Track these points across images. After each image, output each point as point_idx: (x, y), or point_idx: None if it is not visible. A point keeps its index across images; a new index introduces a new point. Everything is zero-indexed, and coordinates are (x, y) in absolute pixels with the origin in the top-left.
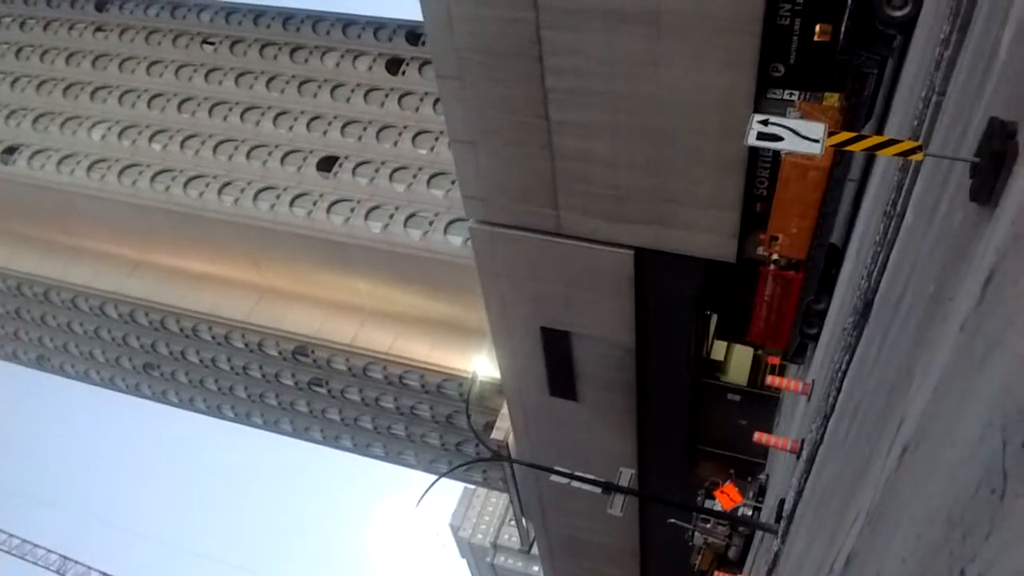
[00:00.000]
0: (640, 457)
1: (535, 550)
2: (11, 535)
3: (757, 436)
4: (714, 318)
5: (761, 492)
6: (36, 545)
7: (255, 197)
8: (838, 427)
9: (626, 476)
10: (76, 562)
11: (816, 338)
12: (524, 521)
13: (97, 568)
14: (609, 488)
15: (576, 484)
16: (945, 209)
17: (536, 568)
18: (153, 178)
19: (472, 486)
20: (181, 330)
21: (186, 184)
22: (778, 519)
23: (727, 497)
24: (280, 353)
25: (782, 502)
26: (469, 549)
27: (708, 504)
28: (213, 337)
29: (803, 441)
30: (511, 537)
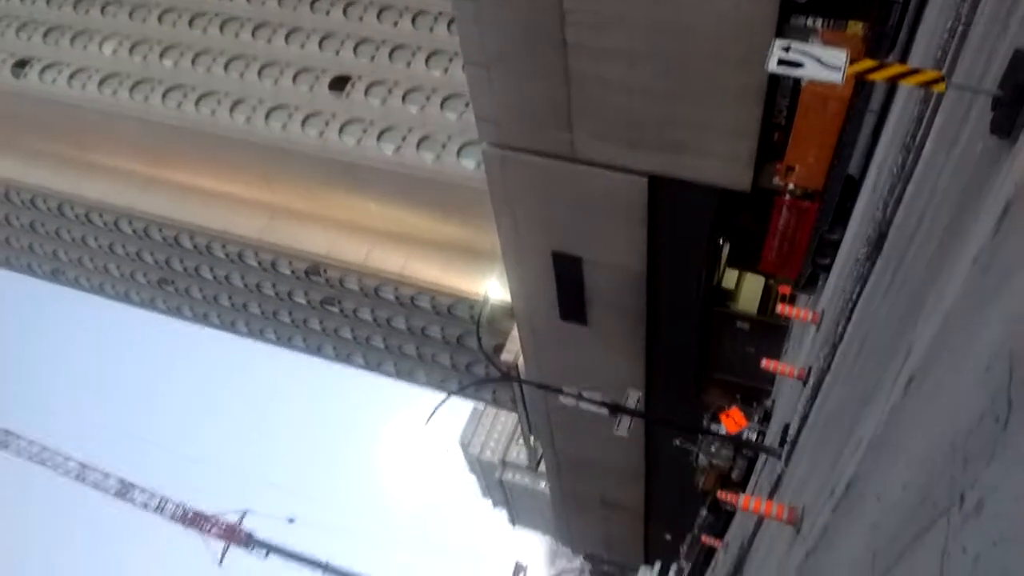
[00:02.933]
0: (648, 381)
1: (543, 467)
2: (31, 441)
3: (765, 363)
4: (726, 247)
5: (766, 417)
6: (55, 452)
7: (267, 116)
8: (846, 355)
9: (633, 398)
10: (94, 468)
11: (828, 269)
12: (532, 440)
13: (115, 474)
14: (616, 409)
15: (584, 405)
16: (965, 142)
17: (543, 485)
18: (164, 95)
19: (481, 405)
20: (195, 247)
21: (198, 101)
22: (782, 443)
23: (732, 421)
24: (293, 272)
25: (786, 427)
26: (478, 466)
27: (714, 427)
28: (226, 254)
29: (810, 369)
30: (519, 455)
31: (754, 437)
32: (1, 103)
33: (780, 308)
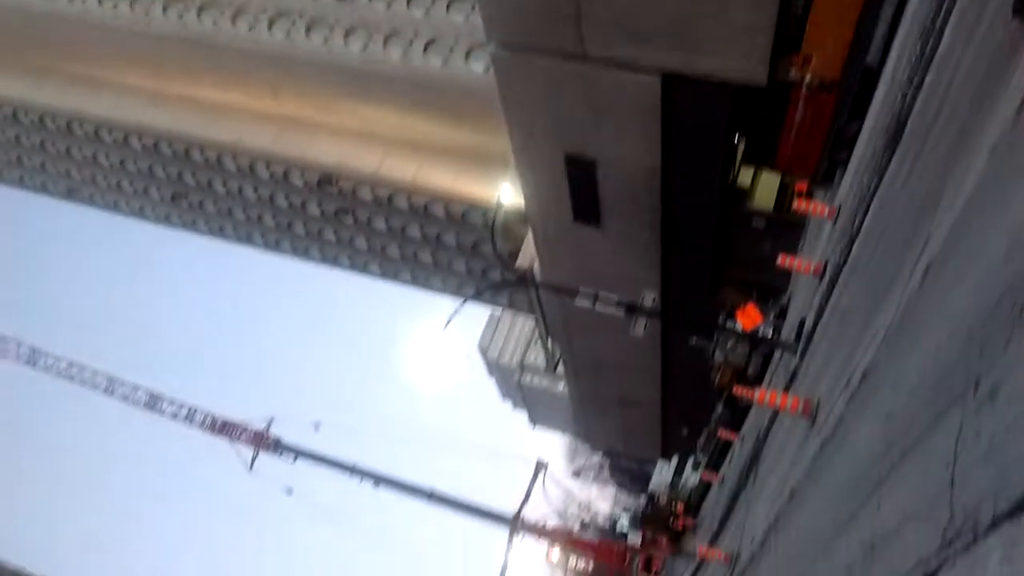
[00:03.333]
0: (663, 281)
1: (560, 369)
2: (58, 357)
3: (781, 259)
4: (742, 144)
5: (782, 313)
6: (83, 366)
7: (270, 25)
8: (863, 248)
9: (649, 298)
10: (122, 382)
11: (846, 162)
12: (549, 343)
13: (144, 386)
14: (632, 310)
15: (599, 307)
16: (986, 27)
17: (561, 386)
18: (165, 7)
19: (498, 310)
20: (205, 161)
21: (199, 11)
22: (797, 338)
23: (748, 318)
24: (305, 183)
25: (802, 322)
26: (497, 369)
27: (729, 325)
28: (238, 168)
29: (826, 263)
30: (537, 358)
31: (769, 333)
32: (3, 21)
33: (796, 204)
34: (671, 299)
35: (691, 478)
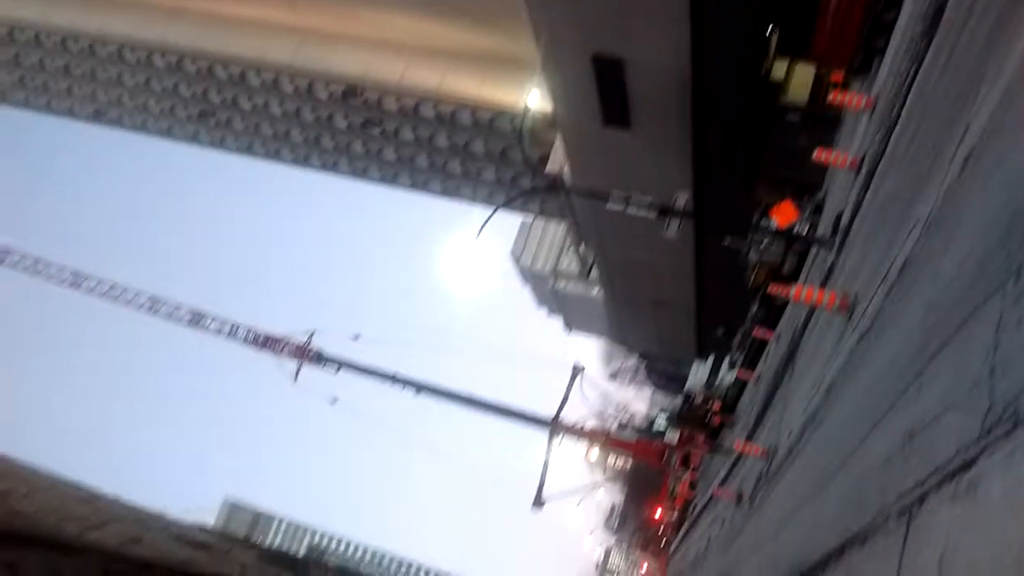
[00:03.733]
0: (696, 181)
1: (594, 274)
2: (100, 280)
3: (816, 153)
4: (775, 35)
5: (817, 209)
6: (125, 287)
7: None
8: (900, 138)
9: (681, 200)
10: (165, 300)
11: (882, 51)
12: (582, 248)
13: (186, 304)
14: (664, 212)
15: (631, 210)
16: None
17: (595, 291)
18: None
19: (530, 217)
20: (229, 77)
21: None
22: (833, 234)
23: (783, 215)
24: (330, 96)
25: (838, 217)
26: (531, 276)
27: (764, 223)
28: (262, 83)
29: (863, 156)
30: (570, 264)
31: (805, 230)
32: None
33: (832, 96)
34: (704, 199)
35: (727, 377)
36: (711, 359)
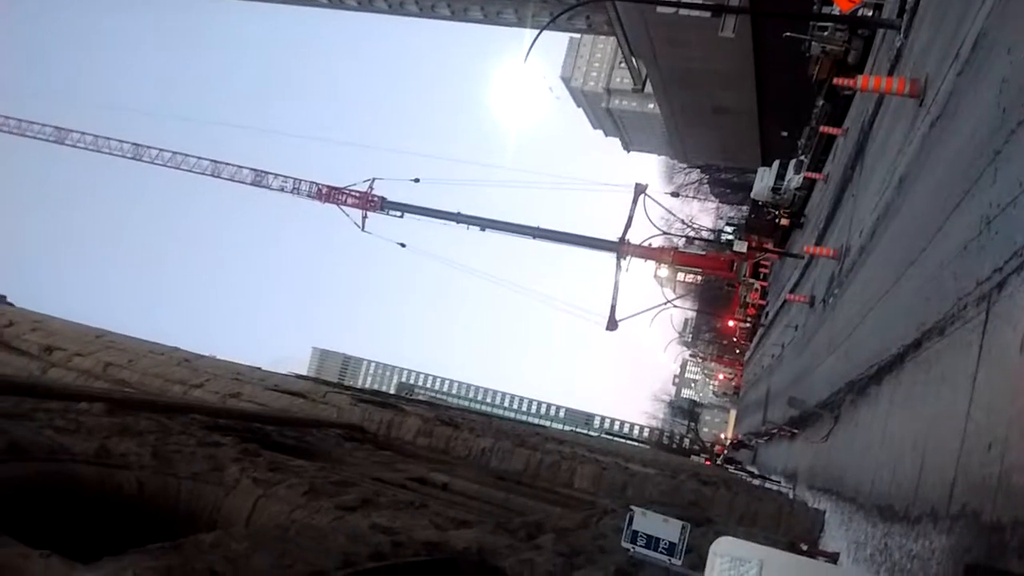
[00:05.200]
0: None
1: (648, 88)
2: (162, 149)
3: None
4: None
5: None
6: (187, 155)
7: None
8: None
9: None
10: (227, 163)
11: None
12: (634, 61)
13: (247, 166)
14: (720, 10)
15: (684, 11)
16: None
17: (651, 106)
18: None
19: (577, 35)
20: None
21: None
22: (900, 13)
23: None
24: None
25: None
26: (583, 97)
27: (825, 9)
28: None
29: None
30: (623, 79)
31: (870, 13)
32: None
33: None
34: None
35: (793, 181)
36: (776, 164)
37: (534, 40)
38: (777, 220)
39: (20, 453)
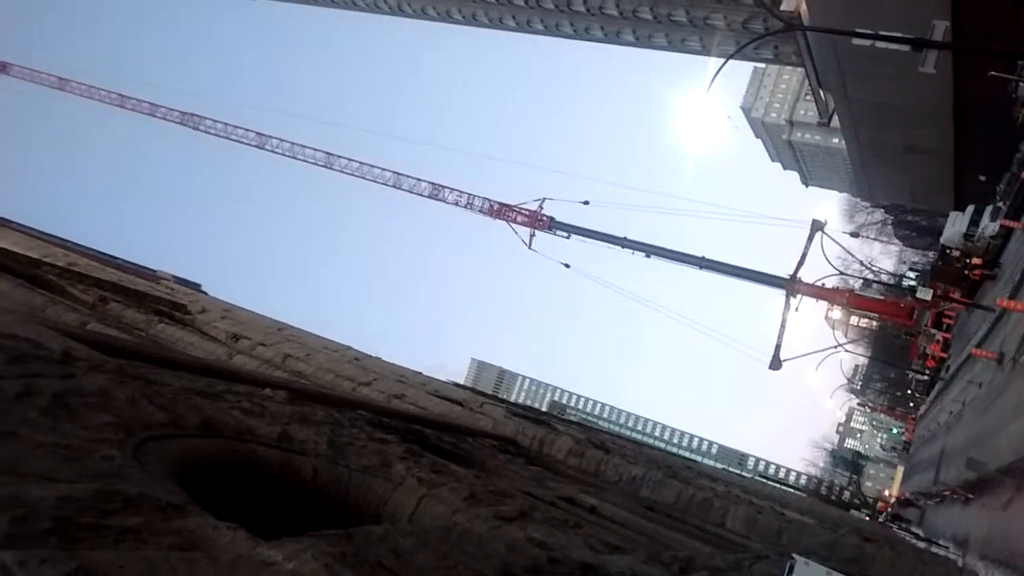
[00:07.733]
0: (954, 6)
1: (835, 122)
2: (350, 159)
3: None
4: None
5: None
6: (373, 165)
7: None
8: None
9: (940, 29)
10: (407, 175)
11: None
12: (822, 93)
13: (426, 179)
14: (920, 44)
15: (881, 45)
16: None
17: (836, 140)
18: None
19: (762, 65)
20: None
21: None
22: None
23: None
24: None
25: None
26: (763, 128)
27: None
28: None
29: None
30: (807, 112)
31: None
32: None
33: None
34: (964, 27)
35: (989, 227)
36: (970, 208)
37: (719, 68)
38: (968, 269)
39: (212, 430)
